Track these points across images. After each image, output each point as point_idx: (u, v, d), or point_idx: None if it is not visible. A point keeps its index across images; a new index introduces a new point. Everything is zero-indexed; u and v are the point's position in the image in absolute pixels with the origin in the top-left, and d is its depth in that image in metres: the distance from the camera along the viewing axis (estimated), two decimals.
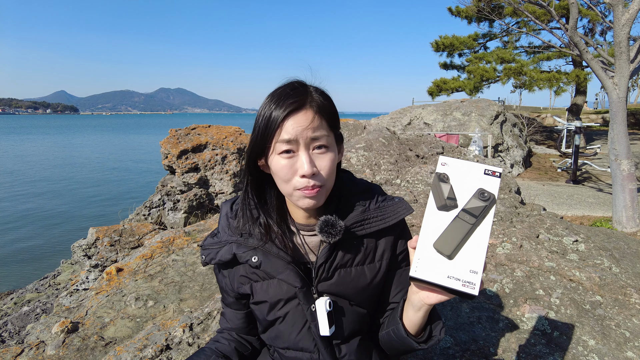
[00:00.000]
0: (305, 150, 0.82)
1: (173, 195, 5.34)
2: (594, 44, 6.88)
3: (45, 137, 54.28)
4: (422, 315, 0.80)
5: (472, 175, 0.71)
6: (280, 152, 0.83)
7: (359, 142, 4.06)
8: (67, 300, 3.10)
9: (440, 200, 0.71)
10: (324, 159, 0.84)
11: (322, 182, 0.84)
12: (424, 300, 0.76)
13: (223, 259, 0.94)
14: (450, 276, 0.67)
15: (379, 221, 0.93)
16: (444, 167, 0.73)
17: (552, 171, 12.30)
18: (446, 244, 0.68)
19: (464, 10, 15.72)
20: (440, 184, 0.72)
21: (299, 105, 0.82)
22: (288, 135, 0.81)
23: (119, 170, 21.70)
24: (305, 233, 0.95)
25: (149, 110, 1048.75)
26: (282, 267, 0.90)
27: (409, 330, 0.84)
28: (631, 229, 5.79)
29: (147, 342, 1.81)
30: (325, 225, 0.88)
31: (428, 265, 0.69)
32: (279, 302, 0.94)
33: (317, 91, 0.87)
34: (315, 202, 0.86)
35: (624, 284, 1.96)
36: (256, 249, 0.91)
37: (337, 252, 0.92)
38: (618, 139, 5.82)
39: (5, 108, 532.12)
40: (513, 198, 3.24)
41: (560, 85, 14.41)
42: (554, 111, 28.32)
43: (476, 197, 0.70)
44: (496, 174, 0.71)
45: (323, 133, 0.84)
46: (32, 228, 10.74)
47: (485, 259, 0.68)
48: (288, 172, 0.83)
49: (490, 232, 0.68)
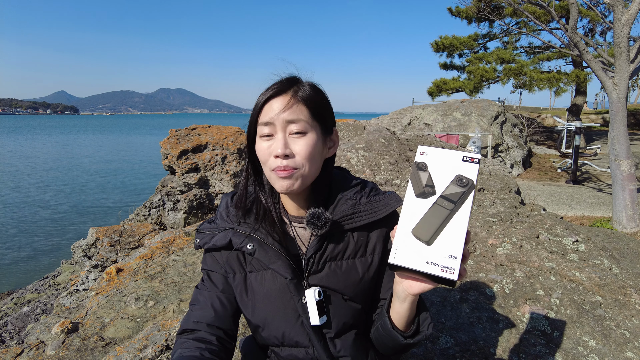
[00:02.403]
0: (282, 132, 0.86)
1: (173, 196, 5.34)
2: (594, 44, 6.88)
3: (45, 138, 54.30)
4: (407, 307, 0.80)
5: (451, 162, 0.72)
6: (261, 136, 0.88)
7: (359, 143, 4.06)
8: (67, 301, 3.10)
9: (419, 188, 0.71)
10: (299, 143, 0.86)
11: (295, 165, 0.86)
12: (407, 290, 0.76)
13: (218, 243, 0.94)
14: (429, 262, 0.67)
15: (369, 214, 0.94)
16: (423, 156, 0.73)
17: (552, 171, 12.30)
18: (424, 230, 0.68)
19: (464, 10, 15.72)
20: (418, 172, 0.72)
21: (278, 91, 0.87)
22: (267, 118, 0.86)
23: (119, 170, 21.70)
24: (297, 225, 0.97)
25: (149, 110, 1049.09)
26: (275, 257, 0.92)
27: (395, 324, 0.84)
28: (631, 229, 5.79)
29: (147, 342, 1.81)
30: (312, 217, 0.90)
31: (406, 251, 0.68)
32: (272, 296, 0.94)
33: (307, 84, 0.91)
34: (289, 183, 0.87)
35: (624, 284, 1.96)
36: (252, 237, 0.93)
37: (327, 245, 0.94)
38: (618, 139, 5.82)
39: (5, 108, 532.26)
40: (513, 198, 3.24)
41: (560, 85, 14.42)
42: (554, 111, 28.32)
43: (454, 184, 0.70)
44: (475, 160, 0.71)
45: (300, 117, 0.86)
46: (32, 228, 10.74)
47: (466, 245, 0.67)
48: (265, 153, 0.87)
49: (469, 217, 0.68)
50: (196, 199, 5.25)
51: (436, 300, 1.91)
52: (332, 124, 0.96)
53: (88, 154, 31.44)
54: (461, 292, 1.96)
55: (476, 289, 1.98)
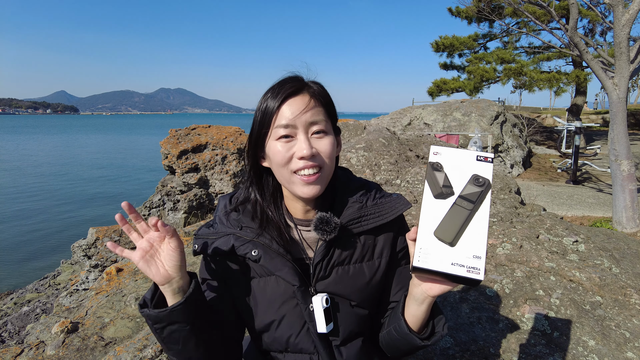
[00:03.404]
0: (304, 133, 0.83)
1: (173, 196, 5.34)
2: (594, 45, 6.88)
3: (45, 137, 54.29)
4: (425, 309, 0.79)
5: (465, 162, 0.72)
6: (277, 138, 0.83)
7: (359, 143, 4.06)
8: (67, 300, 3.10)
9: (436, 189, 0.71)
10: (323, 142, 0.84)
11: (321, 164, 0.84)
12: (427, 292, 0.75)
13: (219, 249, 0.90)
14: (455, 263, 0.67)
15: (376, 218, 0.92)
16: (437, 156, 0.73)
17: (552, 171, 12.30)
18: (447, 231, 0.68)
19: (464, 10, 15.72)
20: (434, 173, 0.72)
21: (296, 89, 0.83)
22: (285, 120, 0.82)
23: (119, 170, 21.70)
24: (303, 228, 0.94)
25: (149, 110, 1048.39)
26: (281, 263, 0.88)
27: (411, 326, 0.83)
28: (631, 230, 5.79)
29: (147, 342, 1.81)
30: (320, 222, 0.87)
31: (431, 254, 0.68)
32: (276, 302, 0.91)
33: (313, 82, 0.89)
34: (317, 188, 0.84)
35: (624, 285, 1.96)
36: (256, 243, 0.89)
37: (335, 250, 0.91)
38: (618, 140, 5.82)
39: (5, 108, 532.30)
40: (513, 198, 3.24)
41: (560, 85, 14.42)
42: (554, 111, 28.32)
43: (471, 183, 0.70)
44: (488, 160, 0.71)
45: (321, 118, 0.84)
46: (32, 228, 10.74)
47: (486, 245, 0.68)
48: (285, 155, 0.82)
49: (489, 216, 0.68)
50: (196, 199, 5.25)
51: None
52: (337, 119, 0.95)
53: (88, 153, 31.44)
54: (461, 292, 1.96)
55: (476, 289, 1.98)
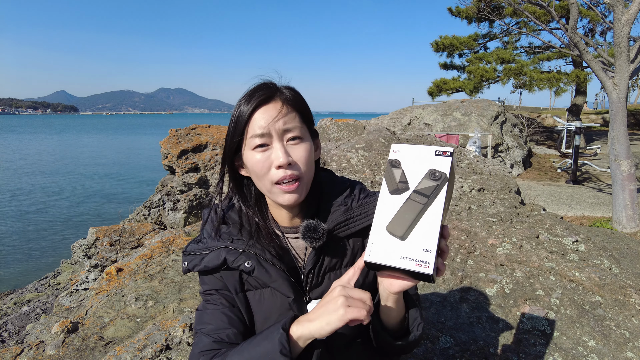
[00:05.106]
0: (279, 141, 0.82)
1: (173, 195, 5.34)
2: (594, 45, 6.88)
3: (45, 137, 54.28)
4: (392, 307, 0.78)
5: (424, 157, 0.72)
6: (254, 148, 0.82)
7: (359, 142, 4.06)
8: (67, 300, 3.10)
9: (392, 185, 0.71)
10: (299, 149, 0.83)
11: (299, 172, 0.83)
12: (388, 289, 0.74)
13: (210, 265, 0.87)
14: (404, 257, 0.66)
15: (362, 219, 0.91)
16: (396, 153, 0.73)
17: (552, 171, 12.30)
18: (398, 225, 0.68)
19: (464, 10, 15.72)
20: (392, 170, 0.72)
21: (267, 97, 0.83)
22: (260, 129, 0.81)
23: (119, 170, 21.70)
24: (290, 236, 0.93)
25: (149, 110, 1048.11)
26: (276, 274, 0.87)
27: (385, 324, 0.83)
28: (631, 230, 5.79)
29: (147, 342, 1.81)
30: (308, 230, 0.86)
31: (381, 248, 0.67)
32: (273, 314, 0.89)
33: (286, 87, 0.87)
34: (297, 197, 0.84)
35: (624, 285, 1.96)
36: (248, 254, 0.87)
37: (324, 256, 0.90)
38: (618, 140, 5.82)
39: (5, 108, 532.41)
40: (513, 198, 3.24)
41: (560, 85, 14.43)
42: (554, 111, 28.31)
43: (427, 178, 0.70)
44: (447, 154, 0.71)
45: (295, 124, 0.83)
46: (32, 228, 10.74)
47: (444, 240, 0.67)
48: (263, 165, 0.82)
49: (443, 210, 0.67)
50: (196, 199, 5.25)
51: (436, 300, 1.91)
52: (313, 123, 0.93)
53: (88, 153, 31.43)
54: (461, 292, 1.96)
55: (476, 289, 1.98)
